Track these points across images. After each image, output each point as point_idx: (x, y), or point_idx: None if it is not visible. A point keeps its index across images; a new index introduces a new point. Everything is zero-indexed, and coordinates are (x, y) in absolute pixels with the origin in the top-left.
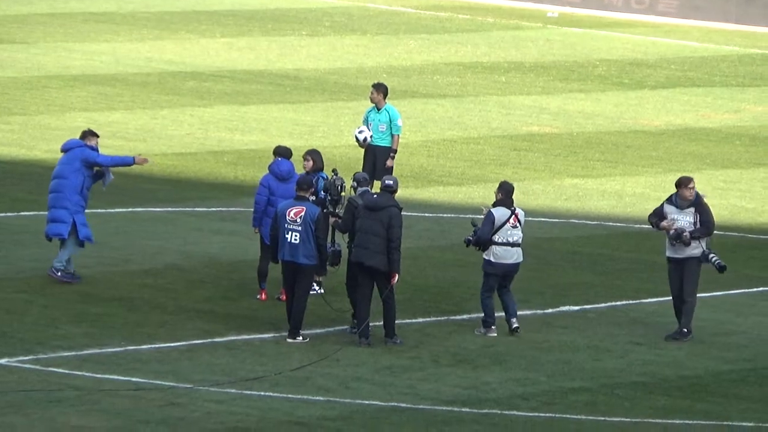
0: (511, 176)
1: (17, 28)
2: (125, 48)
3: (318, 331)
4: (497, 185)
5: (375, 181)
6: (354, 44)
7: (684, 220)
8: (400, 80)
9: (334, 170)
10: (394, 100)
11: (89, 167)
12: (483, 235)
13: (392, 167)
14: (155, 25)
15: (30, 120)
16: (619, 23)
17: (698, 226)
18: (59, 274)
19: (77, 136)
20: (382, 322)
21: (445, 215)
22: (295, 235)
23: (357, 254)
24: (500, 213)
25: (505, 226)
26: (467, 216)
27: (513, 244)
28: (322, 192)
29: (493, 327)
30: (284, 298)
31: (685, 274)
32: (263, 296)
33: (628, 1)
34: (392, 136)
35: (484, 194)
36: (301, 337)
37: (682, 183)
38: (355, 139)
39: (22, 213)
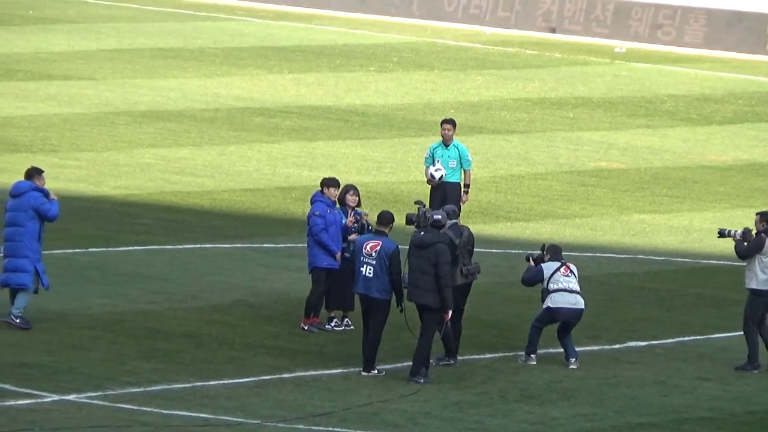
0: (579, 212)
1: (85, 64)
2: (193, 84)
3: (387, 366)
4: (546, 248)
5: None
6: (422, 80)
7: None
8: (468, 116)
9: (420, 202)
10: (462, 136)
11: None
12: (524, 280)
13: (465, 202)
14: (223, 60)
15: (98, 156)
16: (687, 58)
17: None
18: (18, 321)
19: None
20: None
21: (512, 251)
22: (370, 269)
23: (409, 293)
24: (549, 265)
25: (556, 275)
26: (535, 252)
27: (570, 291)
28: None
29: (533, 356)
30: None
31: None
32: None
33: (695, 35)
34: (464, 171)
35: (552, 230)
36: (375, 371)
37: None
38: (430, 177)
39: (90, 249)
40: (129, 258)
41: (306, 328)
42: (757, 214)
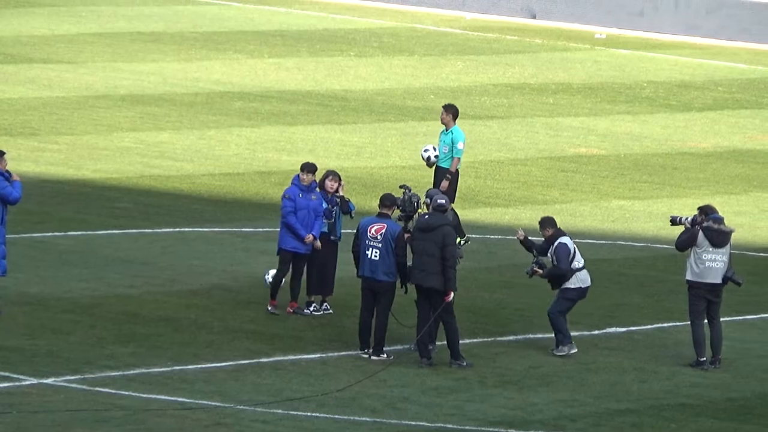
0: (558, 197)
1: (65, 47)
2: (173, 68)
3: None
4: (540, 223)
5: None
6: (402, 65)
7: None
8: (447, 101)
9: (406, 186)
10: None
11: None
12: (564, 268)
13: (445, 188)
14: (203, 45)
15: (78, 140)
16: (667, 45)
17: None
18: None
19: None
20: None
21: (492, 236)
22: (375, 252)
23: (414, 276)
24: (570, 241)
25: (578, 252)
26: (513, 237)
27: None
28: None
29: (572, 342)
30: (291, 310)
31: None
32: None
33: (675, 22)
34: (453, 158)
35: (531, 215)
36: (385, 355)
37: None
38: (421, 158)
39: (70, 233)
40: (108, 242)
41: (269, 309)
42: (698, 208)
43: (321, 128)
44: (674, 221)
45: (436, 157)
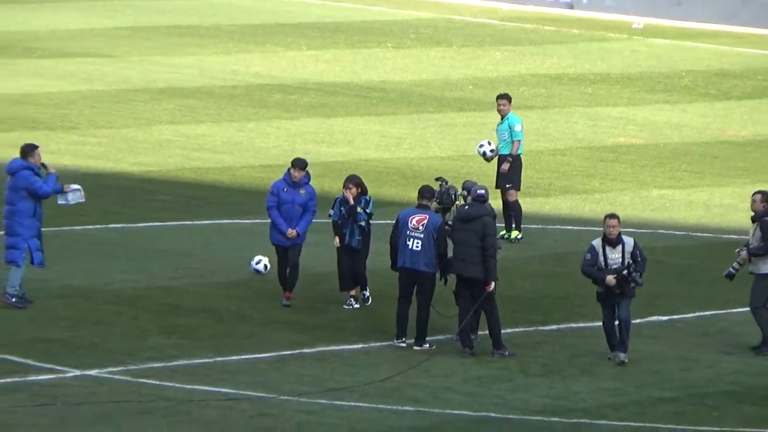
0: (598, 187)
1: (103, 41)
2: (211, 61)
3: (411, 341)
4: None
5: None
6: (440, 56)
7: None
8: (486, 92)
9: (442, 179)
10: (480, 112)
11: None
12: None
13: (506, 171)
14: (240, 37)
15: (117, 133)
16: (704, 34)
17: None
18: (13, 300)
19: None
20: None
21: (532, 226)
22: (417, 243)
23: (455, 266)
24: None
25: None
26: (553, 227)
27: None
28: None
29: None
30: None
31: None
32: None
33: (712, 11)
34: (512, 141)
35: (571, 205)
36: (427, 345)
37: None
38: (478, 154)
39: (111, 225)
40: (149, 234)
41: (283, 302)
42: (757, 193)
43: (359, 120)
44: (730, 275)
45: (491, 151)
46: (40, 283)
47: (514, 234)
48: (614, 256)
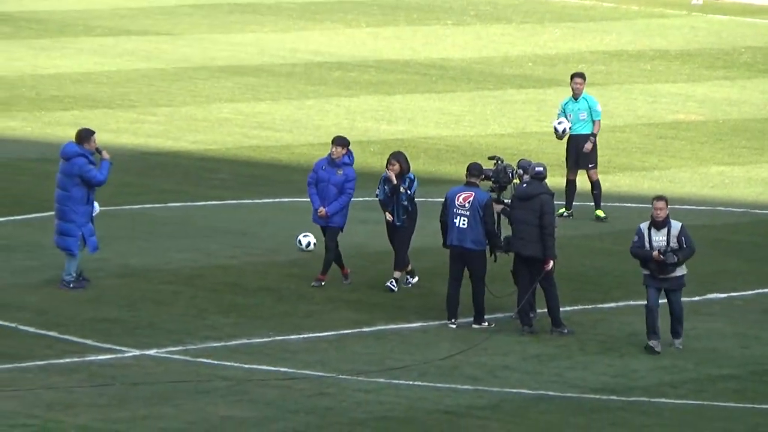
0: (657, 164)
1: (163, 19)
2: (270, 38)
3: (467, 319)
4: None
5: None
6: (499, 33)
7: None
8: (545, 69)
9: (497, 157)
10: (540, 89)
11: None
12: None
13: (590, 150)
14: (300, 15)
15: (176, 111)
16: (764, 10)
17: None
18: (71, 286)
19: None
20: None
21: (592, 204)
22: (464, 220)
23: (514, 245)
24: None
25: None
26: (614, 204)
27: None
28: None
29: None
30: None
31: None
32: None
33: None
34: (594, 122)
35: (630, 182)
36: (486, 323)
37: None
38: (554, 131)
39: (170, 204)
40: (208, 213)
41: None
42: None
43: (419, 97)
44: None
45: (569, 128)
46: (98, 263)
47: (601, 213)
48: (658, 238)
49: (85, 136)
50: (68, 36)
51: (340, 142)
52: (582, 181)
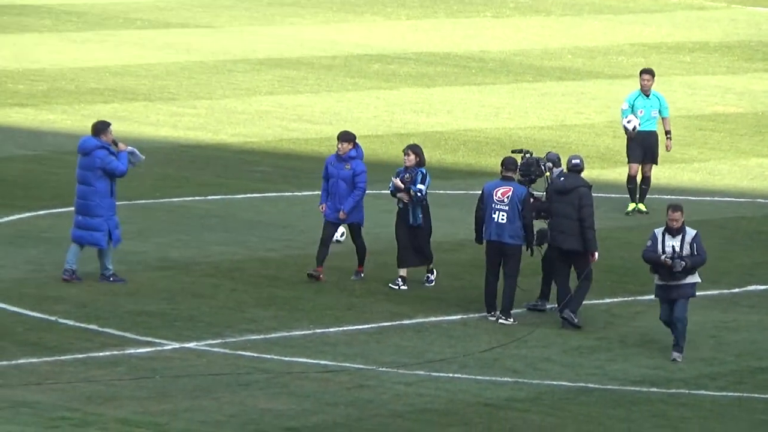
0: (697, 156)
1: (203, 12)
2: (310, 31)
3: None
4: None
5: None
6: (538, 25)
7: None
8: (584, 61)
9: (525, 150)
10: (579, 81)
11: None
12: None
13: (670, 148)
14: (339, 7)
15: (216, 104)
16: None
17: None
18: (111, 279)
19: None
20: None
21: (627, 195)
22: (502, 215)
23: (553, 238)
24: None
25: None
26: (653, 196)
27: None
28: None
29: None
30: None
31: None
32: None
33: None
34: (664, 119)
35: (670, 174)
36: (512, 319)
37: None
38: (624, 130)
39: (209, 197)
40: (248, 205)
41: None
42: None
43: (459, 89)
44: None
45: (639, 124)
46: (138, 256)
47: (643, 207)
48: (671, 243)
49: (101, 128)
50: (108, 29)
51: (346, 137)
52: (620, 172)
